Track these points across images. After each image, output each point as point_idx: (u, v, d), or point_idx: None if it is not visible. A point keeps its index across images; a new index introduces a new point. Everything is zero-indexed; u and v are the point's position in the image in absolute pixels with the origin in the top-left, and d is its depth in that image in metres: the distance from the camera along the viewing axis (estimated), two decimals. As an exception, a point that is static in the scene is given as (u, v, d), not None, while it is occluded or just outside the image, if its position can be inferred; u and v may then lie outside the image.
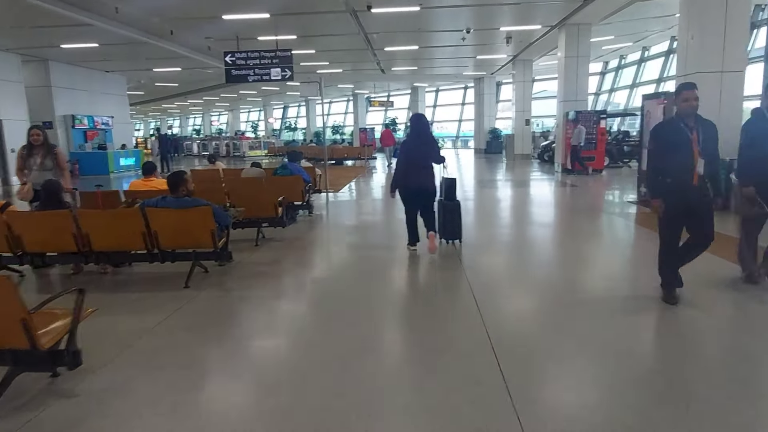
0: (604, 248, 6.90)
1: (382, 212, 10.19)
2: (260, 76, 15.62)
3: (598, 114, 15.10)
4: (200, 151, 35.04)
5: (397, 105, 35.90)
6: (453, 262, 5.87)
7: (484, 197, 11.95)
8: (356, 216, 9.91)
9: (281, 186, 8.10)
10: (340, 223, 9.21)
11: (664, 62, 22.44)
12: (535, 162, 21.18)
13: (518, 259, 6.35)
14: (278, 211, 6.84)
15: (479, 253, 6.40)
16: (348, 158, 22.69)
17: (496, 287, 5.18)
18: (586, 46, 15.38)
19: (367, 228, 8.45)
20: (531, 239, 7.50)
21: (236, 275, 5.54)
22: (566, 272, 5.66)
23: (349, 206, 11.22)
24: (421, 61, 22.86)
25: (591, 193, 12.22)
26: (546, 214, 9.50)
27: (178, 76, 24.57)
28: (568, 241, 7.25)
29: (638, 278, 5.14)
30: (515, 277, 5.65)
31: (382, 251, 6.61)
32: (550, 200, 11.29)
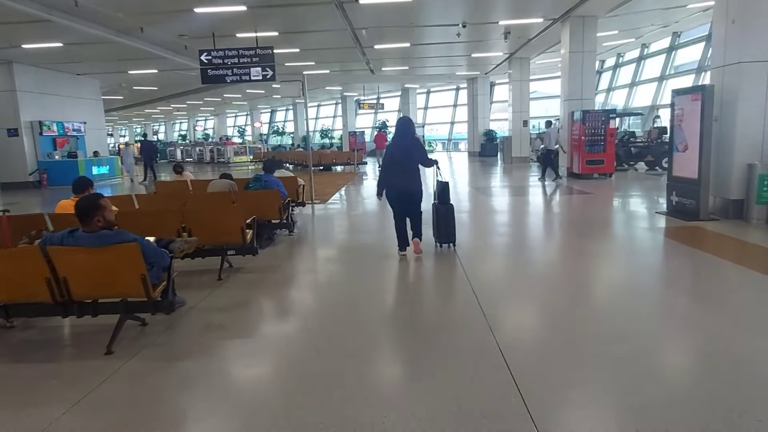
0: (664, 282, 5.58)
1: (375, 227, 8.81)
2: (239, 76, 14.20)
3: (607, 113, 13.84)
4: (184, 157, 33.46)
5: (387, 107, 34.59)
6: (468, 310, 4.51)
7: (481, 209, 10.61)
8: (345, 233, 8.52)
9: (254, 203, 6.72)
10: (326, 243, 7.82)
11: (666, 59, 21.34)
12: (534, 165, 19.91)
13: (548, 310, 4.93)
14: (246, 237, 5.44)
15: (480, 276, 5.05)
16: (337, 164, 21.28)
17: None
18: (592, 41, 14.14)
19: (359, 249, 7.07)
20: (557, 269, 6.15)
21: (184, 330, 4.12)
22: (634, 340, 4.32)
23: (337, 220, 9.83)
24: (412, 61, 21.54)
25: (607, 201, 10.93)
26: (565, 232, 8.18)
27: (156, 79, 23.05)
28: (608, 273, 5.92)
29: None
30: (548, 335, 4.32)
31: (376, 281, 5.26)
32: (564, 212, 9.96)
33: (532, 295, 4.90)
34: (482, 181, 16.03)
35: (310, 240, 7.93)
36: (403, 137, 5.96)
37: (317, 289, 5.39)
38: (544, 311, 4.43)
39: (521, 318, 4.30)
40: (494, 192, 12.97)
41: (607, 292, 4.99)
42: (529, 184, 14.32)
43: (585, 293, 4.91)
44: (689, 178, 7.85)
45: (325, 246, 7.61)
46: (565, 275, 5.57)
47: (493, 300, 4.59)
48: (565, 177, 14.71)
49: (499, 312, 4.24)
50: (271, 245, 7.13)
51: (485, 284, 5.13)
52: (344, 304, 4.71)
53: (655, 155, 15.68)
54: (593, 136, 13.74)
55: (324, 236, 8.30)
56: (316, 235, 8.44)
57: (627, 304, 4.49)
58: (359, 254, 6.70)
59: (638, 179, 14.21)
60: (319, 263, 6.64)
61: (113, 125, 57.76)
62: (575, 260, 6.16)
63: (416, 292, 5.19)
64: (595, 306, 4.56)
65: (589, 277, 5.45)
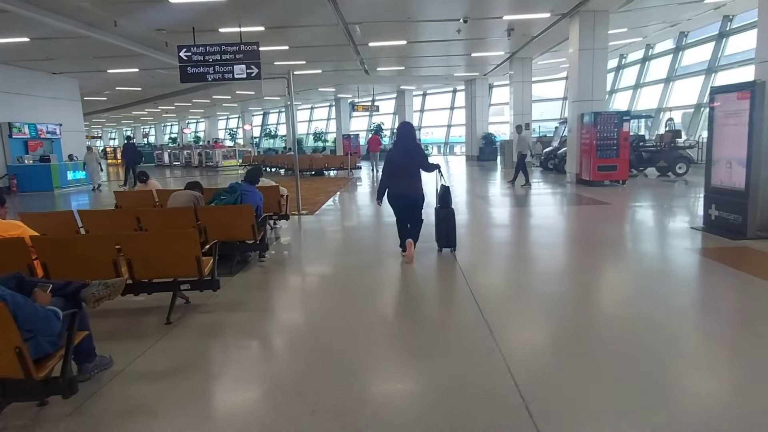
0: (714, 315, 4.40)
1: (369, 242, 7.61)
2: (221, 74, 12.94)
3: (621, 116, 12.71)
4: (171, 160, 32.14)
5: (382, 110, 33.42)
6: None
7: (485, 221, 9.45)
8: (334, 253, 7.28)
9: (221, 220, 5.50)
10: (310, 266, 6.57)
11: (673, 59, 20.31)
12: (537, 170, 18.79)
13: (577, 360, 3.76)
14: (203, 268, 4.23)
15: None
16: (329, 168, 20.06)
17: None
18: (603, 37, 13.03)
19: (349, 274, 5.87)
20: (582, 306, 4.96)
21: (92, 418, 2.87)
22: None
23: (325, 235, 8.60)
24: (409, 60, 20.40)
25: (628, 213, 9.78)
26: (587, 253, 6.99)
27: (138, 79, 21.77)
28: (646, 306, 4.74)
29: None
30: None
31: (370, 326, 4.06)
32: (581, 226, 8.79)
33: (556, 340, 3.72)
34: (483, 187, 14.87)
35: (292, 262, 6.68)
36: (404, 142, 5.87)
37: (293, 339, 4.13)
38: (572, 359, 3.24)
39: (549, 368, 3.11)
40: (498, 200, 11.79)
41: (648, 328, 3.81)
42: (535, 192, 13.17)
43: (623, 338, 3.71)
44: (734, 188, 6.70)
45: (308, 271, 6.37)
46: (593, 312, 4.40)
47: (525, 362, 3.40)
48: (573, 184, 13.58)
49: (530, 369, 3.05)
50: (243, 270, 5.92)
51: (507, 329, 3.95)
52: (328, 363, 3.47)
53: (669, 160, 14.58)
54: (605, 140, 12.61)
55: (309, 257, 7.04)
56: (300, 255, 7.20)
57: (675, 345, 3.35)
58: (349, 282, 5.49)
59: (652, 186, 13.09)
60: (299, 296, 5.39)
61: (102, 127, 56.40)
62: (604, 291, 4.99)
63: (425, 355, 3.99)
64: (635, 354, 3.35)
65: (624, 313, 4.26)
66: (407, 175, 5.76)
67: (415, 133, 6.18)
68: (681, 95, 20.37)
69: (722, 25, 17.81)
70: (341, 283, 5.53)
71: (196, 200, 5.98)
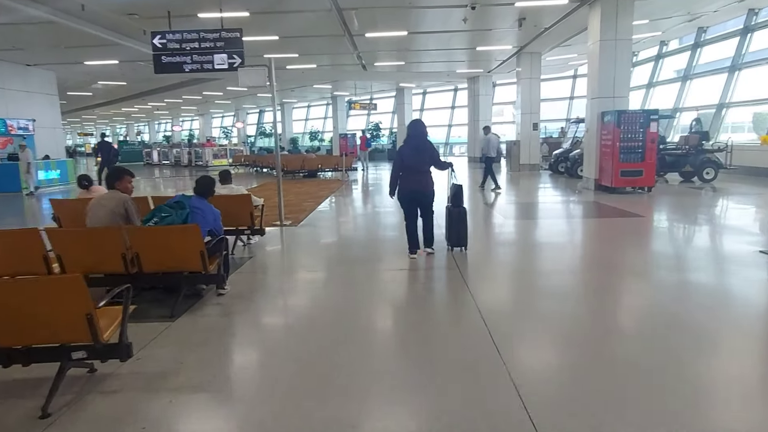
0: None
1: (363, 265, 6.08)
2: (200, 64, 11.48)
3: (647, 114, 11.22)
4: (161, 159, 30.58)
5: (381, 109, 31.92)
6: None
7: (502, 238, 7.98)
8: (318, 282, 5.75)
9: (158, 245, 4.04)
10: (282, 304, 5.02)
11: (691, 57, 18.86)
12: (546, 174, 17.33)
13: None
14: (99, 332, 2.74)
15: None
16: (323, 170, 18.54)
17: None
18: (627, 27, 11.56)
19: (335, 322, 4.38)
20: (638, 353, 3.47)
21: None
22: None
23: (308, 255, 7.08)
24: (408, 55, 18.90)
25: (670, 228, 8.32)
26: (633, 286, 5.50)
27: (120, 72, 20.23)
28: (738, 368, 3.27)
29: None
30: None
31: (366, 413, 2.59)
32: (614, 249, 7.28)
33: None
34: (488, 193, 13.41)
35: (262, 297, 5.05)
36: (415, 138, 5.78)
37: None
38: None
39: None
40: (506, 210, 10.29)
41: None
42: (550, 201, 11.72)
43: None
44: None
45: (281, 309, 4.84)
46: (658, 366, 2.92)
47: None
48: (591, 190, 12.12)
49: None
50: (192, 310, 4.43)
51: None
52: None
53: (695, 165, 13.11)
54: (630, 142, 11.14)
55: (285, 287, 5.49)
56: (274, 284, 5.63)
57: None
58: (336, 326, 4.00)
59: (680, 194, 11.62)
60: (263, 355, 3.84)
61: (94, 124, 54.84)
62: (667, 337, 3.54)
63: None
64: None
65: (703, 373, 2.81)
66: (419, 171, 5.74)
67: (426, 131, 5.92)
68: (698, 95, 18.98)
69: (747, 19, 16.39)
70: (325, 330, 4.03)
71: (127, 213, 4.43)
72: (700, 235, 7.66)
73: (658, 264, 5.86)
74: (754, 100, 16.81)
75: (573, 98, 26.63)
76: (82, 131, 57.16)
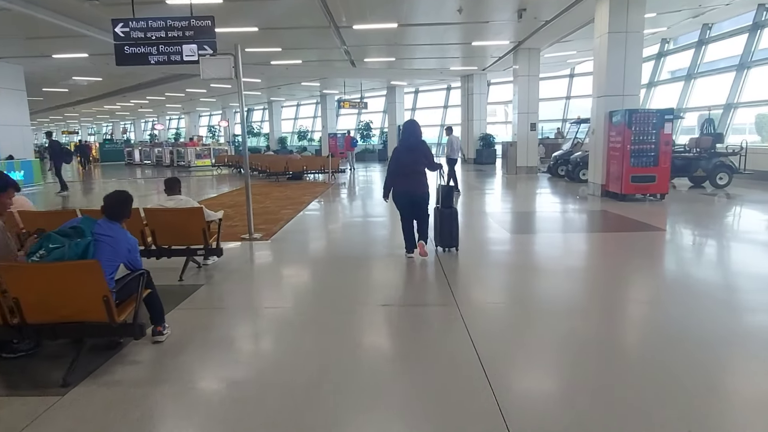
0: None
1: (344, 300, 4.91)
2: (167, 55, 10.16)
3: (662, 114, 10.11)
4: (142, 159, 29.20)
5: (372, 108, 30.72)
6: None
7: (505, 259, 6.83)
8: (285, 324, 4.45)
9: (47, 288, 2.85)
10: (221, 380, 3.61)
11: (695, 55, 17.86)
12: (545, 177, 16.24)
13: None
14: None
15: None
16: (308, 171, 17.29)
17: None
18: (638, 20, 10.48)
19: (310, 392, 3.21)
20: None
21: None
22: None
23: (277, 282, 5.88)
24: (400, 50, 17.71)
25: (696, 247, 7.21)
26: (675, 342, 4.37)
27: (93, 67, 18.86)
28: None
29: None
30: None
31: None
32: (637, 274, 6.11)
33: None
34: (491, 200, 12.27)
35: (197, 351, 3.67)
36: (410, 139, 5.79)
37: None
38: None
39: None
40: (505, 220, 9.11)
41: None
42: (553, 209, 10.60)
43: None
44: None
45: (224, 375, 3.43)
46: None
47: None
48: (597, 197, 11.02)
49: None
50: (96, 375, 3.22)
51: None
52: None
53: (707, 169, 12.07)
54: (642, 145, 10.06)
55: (231, 338, 4.02)
56: (217, 330, 4.10)
57: None
58: (313, 404, 2.83)
59: (695, 202, 10.55)
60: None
61: (78, 122, 53.18)
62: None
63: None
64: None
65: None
66: (414, 172, 5.71)
67: (421, 132, 5.90)
68: (703, 95, 18.00)
69: (757, 15, 15.41)
70: (285, 410, 2.84)
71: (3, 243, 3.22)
72: (741, 254, 6.53)
73: (705, 302, 4.73)
74: (763, 100, 15.83)
75: (570, 98, 25.62)
76: (66, 129, 55.44)
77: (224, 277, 5.55)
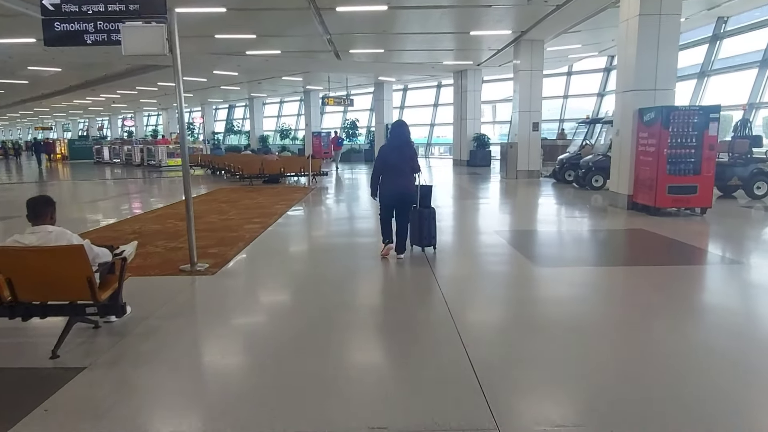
0: None
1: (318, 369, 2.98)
2: (107, 34, 8.03)
3: (706, 113, 8.31)
4: (111, 157, 26.88)
5: (358, 106, 28.75)
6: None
7: (502, 311, 4.95)
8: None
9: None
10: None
11: (709, 51, 16.23)
12: (548, 183, 14.46)
13: None
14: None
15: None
16: (286, 174, 15.26)
17: None
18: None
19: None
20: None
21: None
22: None
23: (205, 378, 3.93)
24: (389, 40, 15.78)
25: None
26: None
27: (48, 56, 16.58)
28: None
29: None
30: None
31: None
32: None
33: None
34: (496, 213, 10.43)
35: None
36: (398, 139, 5.82)
37: None
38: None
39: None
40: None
41: None
42: (578, 227, 8.78)
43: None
44: None
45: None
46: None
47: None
48: (623, 209, 9.23)
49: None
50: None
51: None
52: None
53: (744, 177, 10.37)
54: (681, 149, 8.27)
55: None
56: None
57: None
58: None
59: (738, 217, 8.81)
60: None
61: (52, 119, 50.38)
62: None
63: None
64: None
65: None
66: (402, 171, 5.72)
67: (409, 132, 5.90)
68: (717, 93, 16.40)
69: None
70: None
71: None
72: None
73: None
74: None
75: (567, 97, 23.93)
76: (40, 125, 52.49)
77: (124, 350, 3.54)
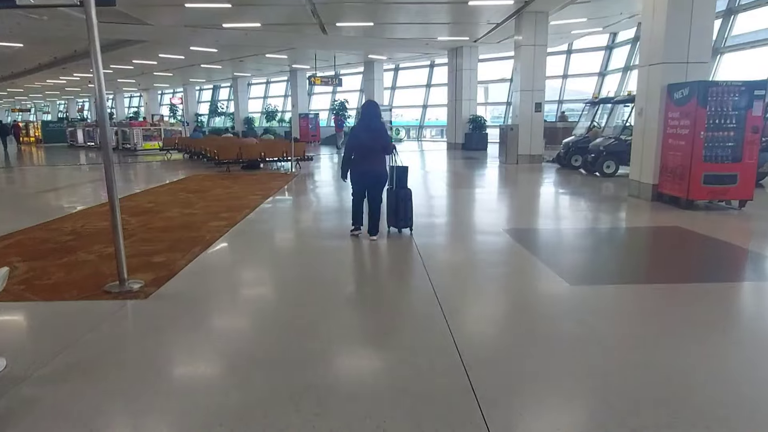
0: None
1: None
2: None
3: (750, 89, 7.06)
4: (86, 140, 25.19)
5: (347, 87, 27.22)
6: None
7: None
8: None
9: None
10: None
11: (722, 26, 14.95)
12: (552, 168, 13.22)
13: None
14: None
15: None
16: (267, 159, 13.84)
17: None
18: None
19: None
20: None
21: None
22: None
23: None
24: (379, 11, 14.29)
25: None
26: None
27: (5, 29, 14.96)
28: None
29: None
30: None
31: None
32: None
33: None
34: (502, 206, 9.18)
35: None
36: (368, 119, 5.72)
37: None
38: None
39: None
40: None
41: None
42: (609, 224, 7.52)
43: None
44: None
45: None
46: None
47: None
48: (646, 200, 8.02)
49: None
50: None
51: None
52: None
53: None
54: (720, 131, 7.04)
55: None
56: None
57: None
58: None
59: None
60: None
61: (29, 100, 48.14)
62: None
63: None
64: None
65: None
66: (374, 152, 5.61)
67: (380, 112, 5.85)
68: (728, 74, 15.19)
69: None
70: None
71: None
72: None
73: None
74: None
75: (567, 77, 22.60)
76: (19, 107, 50.20)
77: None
